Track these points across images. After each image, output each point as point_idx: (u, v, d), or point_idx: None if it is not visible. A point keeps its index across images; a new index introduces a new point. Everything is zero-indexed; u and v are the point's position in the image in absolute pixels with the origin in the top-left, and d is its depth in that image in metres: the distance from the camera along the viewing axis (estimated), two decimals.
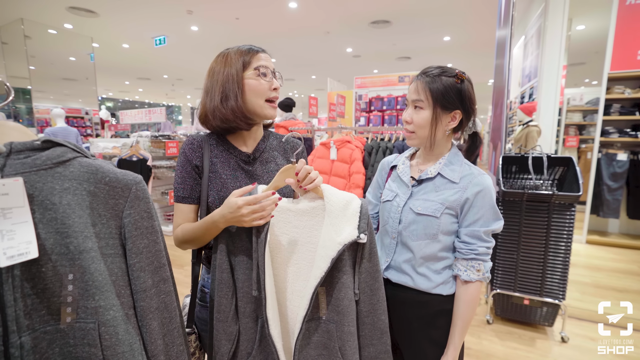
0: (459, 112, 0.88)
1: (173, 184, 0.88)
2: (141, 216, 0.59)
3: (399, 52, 8.05)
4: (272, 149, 0.95)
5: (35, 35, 5.98)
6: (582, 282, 2.80)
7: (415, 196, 0.91)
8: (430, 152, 0.94)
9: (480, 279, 0.86)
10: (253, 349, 0.79)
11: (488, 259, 0.88)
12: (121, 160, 3.57)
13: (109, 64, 9.26)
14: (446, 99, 0.85)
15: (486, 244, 0.86)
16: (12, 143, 0.51)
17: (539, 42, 3.80)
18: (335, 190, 0.80)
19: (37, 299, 0.50)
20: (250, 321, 0.79)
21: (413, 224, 0.89)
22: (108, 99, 17.32)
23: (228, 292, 0.78)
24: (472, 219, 0.86)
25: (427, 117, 0.87)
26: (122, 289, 0.56)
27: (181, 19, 5.87)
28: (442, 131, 0.89)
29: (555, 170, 2.13)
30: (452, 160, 0.91)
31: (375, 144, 2.79)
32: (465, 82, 0.87)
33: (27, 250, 0.47)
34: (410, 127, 0.90)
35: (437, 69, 0.88)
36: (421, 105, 0.87)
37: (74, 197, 0.53)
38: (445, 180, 0.89)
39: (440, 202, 0.87)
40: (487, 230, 0.86)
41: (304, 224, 0.81)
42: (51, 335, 0.51)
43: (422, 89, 0.87)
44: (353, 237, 0.75)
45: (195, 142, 0.87)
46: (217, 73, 0.84)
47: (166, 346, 0.63)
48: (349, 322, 0.78)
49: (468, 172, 0.88)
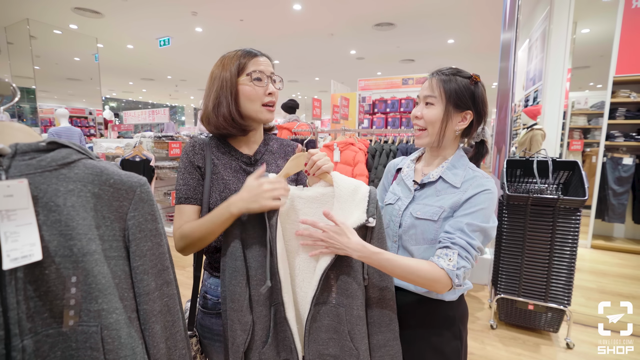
0: (471, 113, 0.87)
1: (175, 187, 0.88)
2: (145, 218, 0.58)
3: (402, 54, 8.06)
4: (273, 152, 0.95)
5: (41, 35, 6.03)
6: (588, 288, 2.78)
7: (417, 200, 0.89)
8: (436, 153, 0.92)
9: (447, 270, 0.75)
10: (268, 337, 0.79)
11: (466, 257, 0.76)
12: (124, 161, 3.58)
13: (113, 64, 9.32)
14: (459, 97, 0.85)
15: (467, 238, 0.77)
16: (17, 144, 0.51)
17: (543, 45, 3.78)
18: (344, 176, 0.82)
19: (39, 301, 0.49)
20: (264, 309, 0.79)
21: (412, 228, 0.87)
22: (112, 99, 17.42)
23: (242, 280, 0.77)
24: (461, 213, 0.81)
25: (439, 113, 0.86)
26: (125, 291, 0.56)
27: (185, 20, 5.90)
28: (451, 130, 0.87)
29: (561, 175, 2.11)
30: (456, 164, 0.89)
31: (379, 147, 2.78)
32: (479, 85, 0.86)
33: (31, 252, 0.47)
34: (420, 122, 0.89)
35: (452, 69, 0.88)
36: (433, 101, 0.86)
37: (78, 199, 0.52)
38: (446, 184, 0.86)
39: (439, 206, 0.84)
40: (473, 225, 0.78)
41: (314, 211, 0.82)
42: (53, 339, 0.51)
43: (436, 86, 0.86)
44: (362, 220, 0.76)
45: (197, 144, 0.87)
46: (214, 78, 0.85)
47: (169, 350, 0.62)
48: (357, 306, 0.79)
49: (471, 175, 0.85)
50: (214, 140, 0.90)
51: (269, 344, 0.79)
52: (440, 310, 0.88)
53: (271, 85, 0.85)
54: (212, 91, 0.84)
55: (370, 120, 4.78)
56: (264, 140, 0.95)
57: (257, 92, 0.83)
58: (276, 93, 0.87)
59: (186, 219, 0.83)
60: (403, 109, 4.57)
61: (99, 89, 7.31)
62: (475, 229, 0.79)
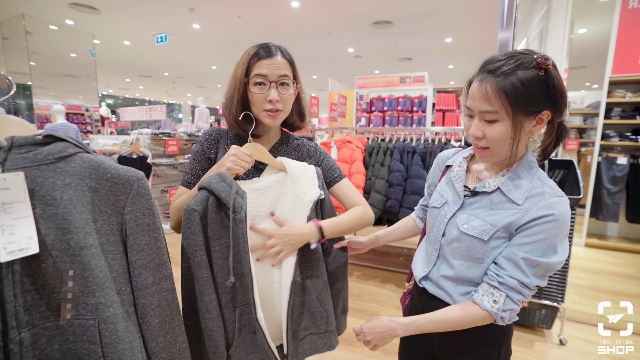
0: (547, 112, 0.66)
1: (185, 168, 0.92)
2: (143, 213, 0.58)
3: (400, 53, 8.05)
4: (287, 153, 0.94)
5: (36, 31, 5.96)
6: (581, 285, 2.81)
7: (466, 209, 0.75)
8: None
9: (491, 312, 0.68)
10: (234, 339, 0.79)
11: (518, 300, 0.68)
12: (121, 158, 3.56)
13: (110, 60, 9.24)
14: (529, 101, 0.63)
15: (521, 277, 0.66)
16: (14, 137, 0.51)
17: (541, 45, 3.80)
18: (290, 160, 0.88)
19: (37, 294, 0.50)
20: (227, 312, 0.78)
21: (456, 242, 0.75)
22: (109, 96, 17.29)
23: (212, 287, 0.76)
24: (519, 241, 0.67)
25: (507, 131, 0.65)
26: (122, 286, 0.56)
27: (183, 16, 5.85)
28: (525, 140, 0.69)
29: (556, 173, 2.13)
30: (521, 173, 0.70)
31: (376, 145, 2.79)
32: (550, 71, 0.63)
33: (28, 245, 0.47)
34: (482, 143, 0.68)
35: (508, 59, 0.64)
36: (496, 117, 0.65)
37: (75, 192, 0.52)
38: (505, 198, 0.70)
39: (492, 224, 0.69)
40: (532, 260, 0.65)
41: (270, 200, 0.85)
42: (51, 332, 0.51)
43: (494, 95, 0.63)
44: (318, 194, 0.85)
45: (213, 134, 0.90)
46: (232, 74, 0.85)
47: (168, 344, 0.62)
48: (322, 273, 0.88)
49: (538, 190, 0.67)
50: (232, 132, 0.91)
51: (235, 346, 0.78)
52: (476, 328, 0.75)
53: (274, 91, 0.81)
54: (229, 88, 0.85)
55: (367, 118, 4.79)
56: (281, 139, 0.94)
57: (257, 97, 0.82)
58: (283, 99, 0.82)
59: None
60: (400, 108, 4.58)
61: (96, 85, 7.24)
62: (533, 265, 0.65)
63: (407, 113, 4.57)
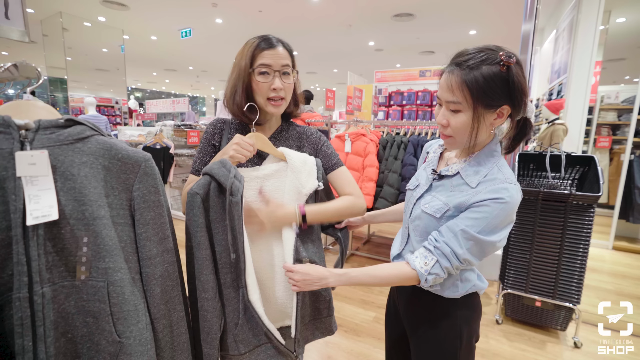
0: (507, 107, 0.71)
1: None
2: (149, 190, 0.65)
3: (422, 46, 7.85)
4: (287, 139, 0.97)
5: (72, 27, 6.33)
6: (604, 289, 2.69)
7: (432, 191, 0.81)
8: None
9: (419, 272, 0.73)
10: (239, 317, 0.82)
11: (445, 267, 0.72)
12: (145, 148, 3.75)
13: (138, 55, 9.64)
14: (489, 95, 0.67)
15: (455, 246, 0.71)
16: (40, 120, 0.58)
17: (570, 36, 3.60)
18: (291, 150, 0.90)
19: (57, 256, 0.57)
20: (231, 291, 0.82)
21: (417, 220, 0.82)
22: (137, 89, 18.03)
23: (211, 267, 0.79)
24: (463, 215, 0.72)
25: (467, 120, 0.70)
26: (129, 255, 0.63)
27: (206, 11, 6.01)
28: (484, 131, 0.73)
29: (576, 170, 2.05)
30: (482, 160, 0.75)
31: (390, 138, 2.78)
32: (512, 69, 0.67)
33: (50, 213, 0.54)
34: (447, 131, 0.75)
35: (474, 54, 0.69)
36: (458, 107, 0.70)
37: (91, 170, 0.59)
38: (462, 181, 0.75)
39: (445, 203, 0.75)
40: (468, 234, 0.69)
41: (270, 187, 0.88)
42: (68, 290, 0.59)
43: (457, 86, 0.68)
44: (315, 186, 0.88)
45: (217, 123, 0.96)
46: (235, 64, 0.89)
47: (168, 311, 0.69)
48: (323, 254, 0.93)
49: (493, 177, 0.72)
50: (236, 121, 0.96)
51: (241, 325, 0.82)
52: (439, 304, 0.82)
53: (277, 80, 0.85)
54: (231, 78, 0.90)
55: (386, 112, 4.74)
56: (281, 126, 0.98)
57: (261, 86, 0.86)
58: (285, 87, 0.87)
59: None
60: (420, 102, 4.50)
61: (125, 79, 7.60)
62: (469, 238, 0.70)
63: (426, 107, 4.49)
